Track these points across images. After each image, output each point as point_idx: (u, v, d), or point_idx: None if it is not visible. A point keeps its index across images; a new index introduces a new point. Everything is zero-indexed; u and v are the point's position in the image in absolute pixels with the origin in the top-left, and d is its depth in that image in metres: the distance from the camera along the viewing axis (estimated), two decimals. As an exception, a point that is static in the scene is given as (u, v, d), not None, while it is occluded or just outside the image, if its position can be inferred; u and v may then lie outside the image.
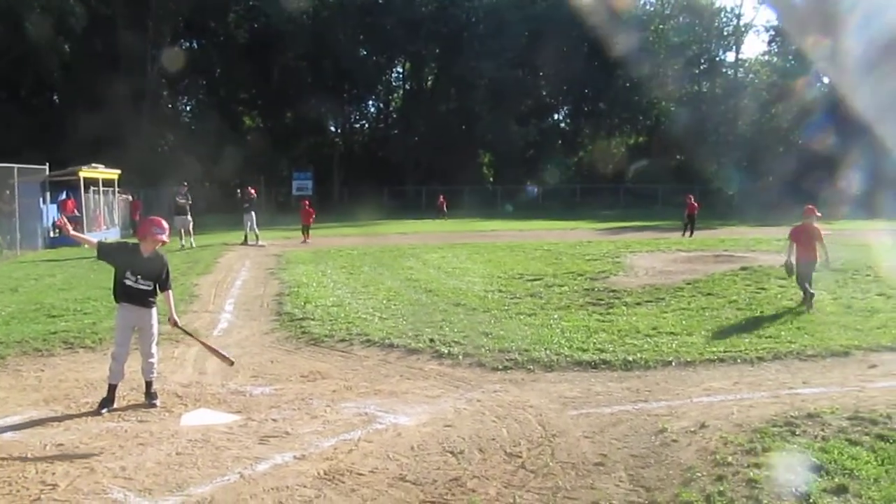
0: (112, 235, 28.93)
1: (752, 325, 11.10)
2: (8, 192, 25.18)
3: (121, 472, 5.93)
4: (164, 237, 7.94)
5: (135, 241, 8.15)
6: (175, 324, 8.06)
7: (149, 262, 7.77)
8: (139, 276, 7.70)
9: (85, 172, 29.22)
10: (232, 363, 8.25)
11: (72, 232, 8.52)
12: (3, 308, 13.46)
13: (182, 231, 25.55)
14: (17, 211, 25.24)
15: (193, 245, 25.39)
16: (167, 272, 7.97)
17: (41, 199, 28.27)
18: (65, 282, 16.93)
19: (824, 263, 12.98)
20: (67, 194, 30.06)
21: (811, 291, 12.46)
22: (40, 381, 8.79)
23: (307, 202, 31.22)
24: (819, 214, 13.39)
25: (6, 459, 6.22)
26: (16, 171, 25.40)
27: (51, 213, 29.28)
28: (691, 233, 29.72)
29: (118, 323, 7.93)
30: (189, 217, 26.26)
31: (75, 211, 29.64)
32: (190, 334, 8.60)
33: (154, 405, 7.74)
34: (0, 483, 5.73)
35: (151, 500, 5.42)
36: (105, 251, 7.99)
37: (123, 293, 7.77)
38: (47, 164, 29.05)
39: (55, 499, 5.45)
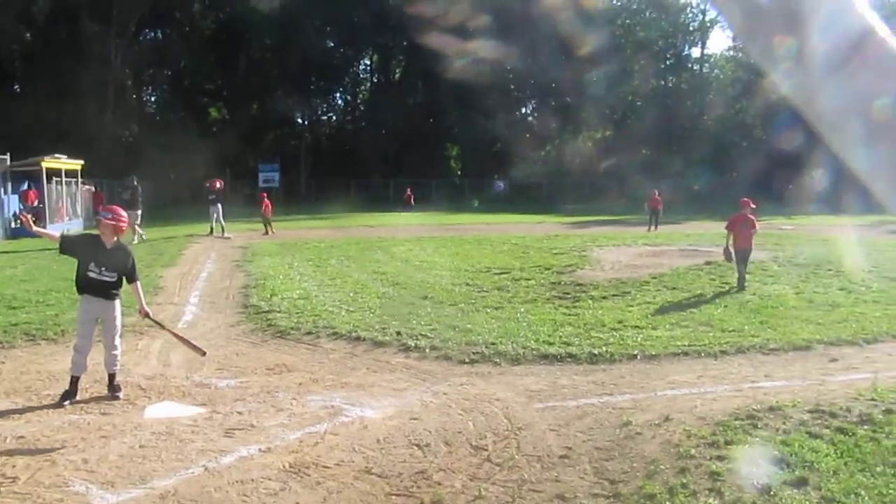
0: (75, 227, 28.55)
1: (715, 319, 11.22)
2: (-33, 181, 24.75)
3: (83, 465, 5.86)
4: (114, 222, 7.78)
5: (96, 232, 8.03)
6: (146, 315, 7.97)
7: (112, 254, 7.68)
8: (103, 268, 7.61)
9: (47, 163, 28.76)
10: (204, 353, 8.18)
11: (34, 228, 8.34)
12: (-38, 300, 13.24)
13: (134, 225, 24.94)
14: (-23, 201, 24.83)
15: (144, 239, 24.48)
16: (133, 263, 7.87)
17: (2, 190, 27.80)
18: (26, 273, 16.69)
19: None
20: (29, 185, 29.57)
21: (744, 275, 14.21)
22: (1, 373, 8.67)
23: (264, 194, 30.97)
24: (754, 206, 14.91)
25: (-34, 453, 6.13)
26: (-24, 160, 24.99)
27: (12, 203, 28.82)
28: (656, 227, 29.96)
29: (80, 315, 7.83)
30: (138, 211, 25.35)
31: (37, 202, 29.20)
32: (161, 325, 8.53)
33: (117, 397, 7.66)
34: (-41, 477, 5.65)
35: (114, 493, 5.37)
36: (67, 245, 7.88)
37: (87, 285, 7.67)
38: (8, 153, 28.59)
39: (15, 491, 5.38)
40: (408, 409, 7.20)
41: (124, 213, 8.10)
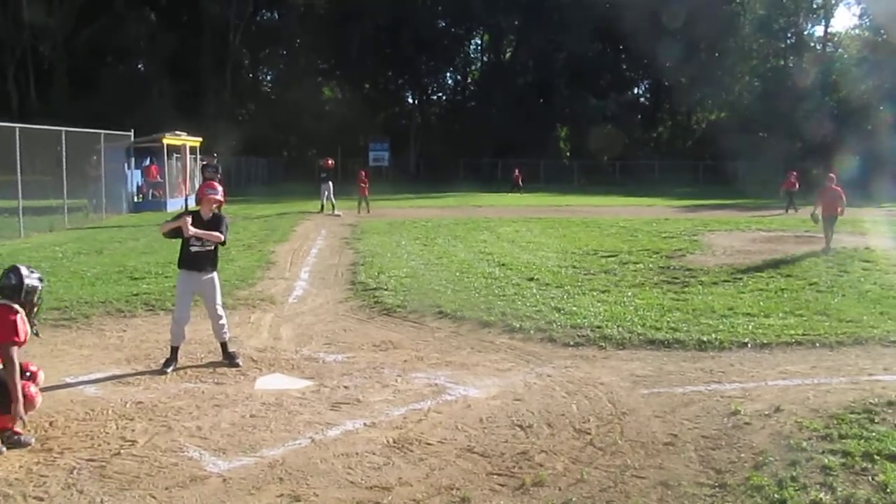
0: (192, 202, 29.53)
1: (832, 308, 10.78)
2: (95, 157, 25.89)
3: (197, 432, 6.09)
4: (218, 196, 8.03)
5: (194, 209, 8.24)
6: (189, 231, 7.79)
7: (209, 224, 7.93)
8: (203, 240, 7.89)
9: (168, 139, 29.85)
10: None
11: (191, 229, 8.03)
12: (88, 269, 13.90)
13: None
14: (104, 176, 25.98)
15: None
16: (226, 226, 8.04)
17: (126, 165, 29.03)
18: (147, 245, 17.39)
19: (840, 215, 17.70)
20: (151, 160, 30.77)
21: (831, 238, 17.59)
22: (122, 340, 9.09)
23: (363, 172, 31.14)
24: (833, 177, 18.73)
25: (89, 414, 6.47)
26: (102, 136, 26.16)
27: (135, 178, 30.07)
28: (795, 209, 29.02)
29: (179, 288, 8.18)
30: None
31: (158, 177, 30.37)
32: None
33: (237, 364, 7.96)
34: (83, 436, 5.95)
35: (225, 460, 5.56)
36: (172, 232, 7.93)
37: (189, 259, 7.97)
38: (132, 130, 29.80)
39: (134, 454, 5.63)
40: (511, 390, 7.20)
41: (219, 188, 8.30)
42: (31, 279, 5.82)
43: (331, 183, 27.88)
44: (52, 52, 48.86)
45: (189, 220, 7.80)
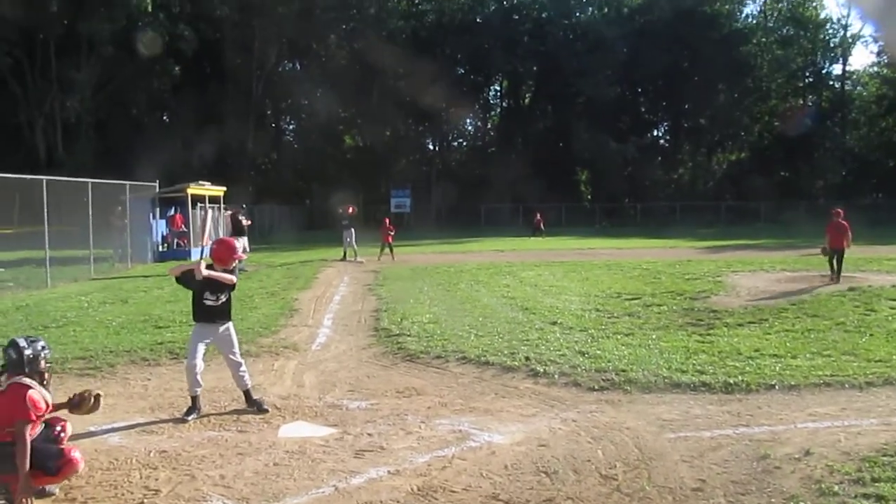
0: (207, 252, 29.72)
1: (860, 348, 10.62)
2: (120, 207, 26.24)
3: (220, 480, 6.08)
4: (241, 254, 8.18)
5: (209, 261, 8.27)
6: (203, 273, 7.88)
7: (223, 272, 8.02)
8: (219, 294, 7.98)
9: (192, 189, 30.18)
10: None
11: (204, 271, 7.96)
12: (113, 318, 14.02)
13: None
14: (129, 226, 26.28)
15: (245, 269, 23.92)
16: (237, 272, 8.11)
17: (151, 215, 29.36)
18: (171, 294, 17.49)
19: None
20: (176, 210, 31.09)
21: (838, 269, 18.64)
22: (147, 389, 9.12)
23: (388, 220, 31.23)
24: (840, 212, 19.70)
25: (113, 463, 6.48)
26: (128, 187, 26.52)
27: (160, 227, 30.37)
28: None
29: (193, 338, 8.18)
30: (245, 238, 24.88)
31: (182, 226, 30.66)
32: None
33: (265, 410, 7.98)
34: (106, 486, 5.96)
35: (250, 510, 5.54)
36: (183, 278, 8.11)
37: (203, 312, 8.05)
38: (157, 180, 30.18)
39: (157, 503, 5.63)
40: (536, 436, 7.14)
41: (237, 245, 8.36)
42: (29, 349, 5.83)
43: (353, 230, 28.01)
44: (79, 106, 49.71)
45: (204, 264, 7.87)
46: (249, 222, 26.96)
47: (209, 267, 8.01)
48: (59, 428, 5.94)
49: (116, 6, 47.36)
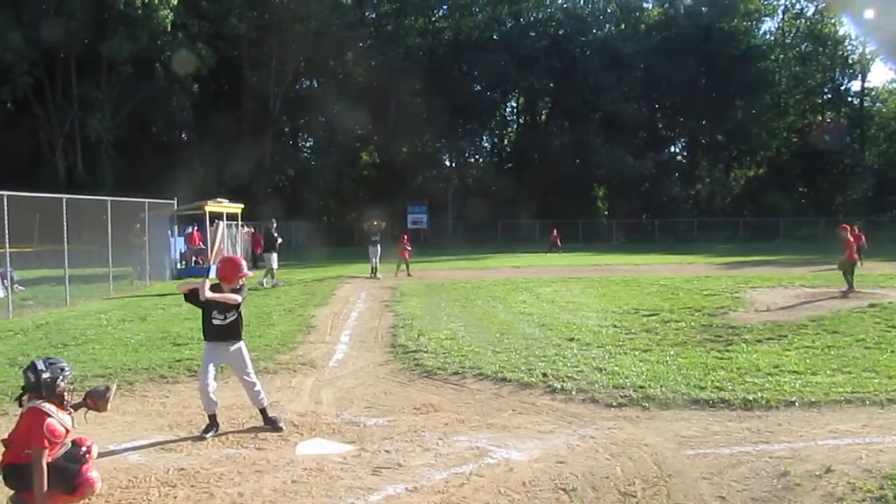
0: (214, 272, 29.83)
1: (881, 364, 10.53)
2: (139, 225, 26.42)
3: (238, 498, 6.09)
4: (247, 272, 8.24)
5: (214, 281, 8.30)
6: (206, 295, 7.86)
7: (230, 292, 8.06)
8: (226, 313, 7.98)
9: (210, 206, 30.36)
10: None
11: (207, 293, 7.95)
12: (132, 336, 14.09)
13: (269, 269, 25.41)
14: (148, 243, 26.46)
15: (276, 283, 24.90)
16: (244, 296, 8.12)
17: (169, 232, 29.55)
18: (190, 311, 17.42)
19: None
20: (194, 227, 31.27)
21: (850, 283, 19.39)
22: (165, 406, 9.15)
23: (405, 236, 31.29)
24: (848, 227, 21.36)
25: (132, 481, 6.50)
26: (146, 205, 26.71)
27: (178, 245, 30.55)
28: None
29: (204, 358, 8.18)
30: (274, 254, 25.64)
31: (201, 244, 30.82)
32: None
33: (280, 429, 7.97)
34: (126, 505, 5.98)
35: (268, 527, 5.54)
36: (191, 297, 8.07)
37: (212, 332, 8.05)
38: (175, 198, 30.39)
39: (177, 522, 5.64)
40: (554, 452, 7.11)
41: (243, 264, 8.36)
42: (48, 372, 5.83)
43: (379, 246, 27.91)
44: (99, 125, 50.16)
45: (207, 285, 7.88)
46: (280, 239, 27.04)
47: (215, 286, 8.04)
48: (84, 448, 5.95)
49: (137, 26, 47.81)
